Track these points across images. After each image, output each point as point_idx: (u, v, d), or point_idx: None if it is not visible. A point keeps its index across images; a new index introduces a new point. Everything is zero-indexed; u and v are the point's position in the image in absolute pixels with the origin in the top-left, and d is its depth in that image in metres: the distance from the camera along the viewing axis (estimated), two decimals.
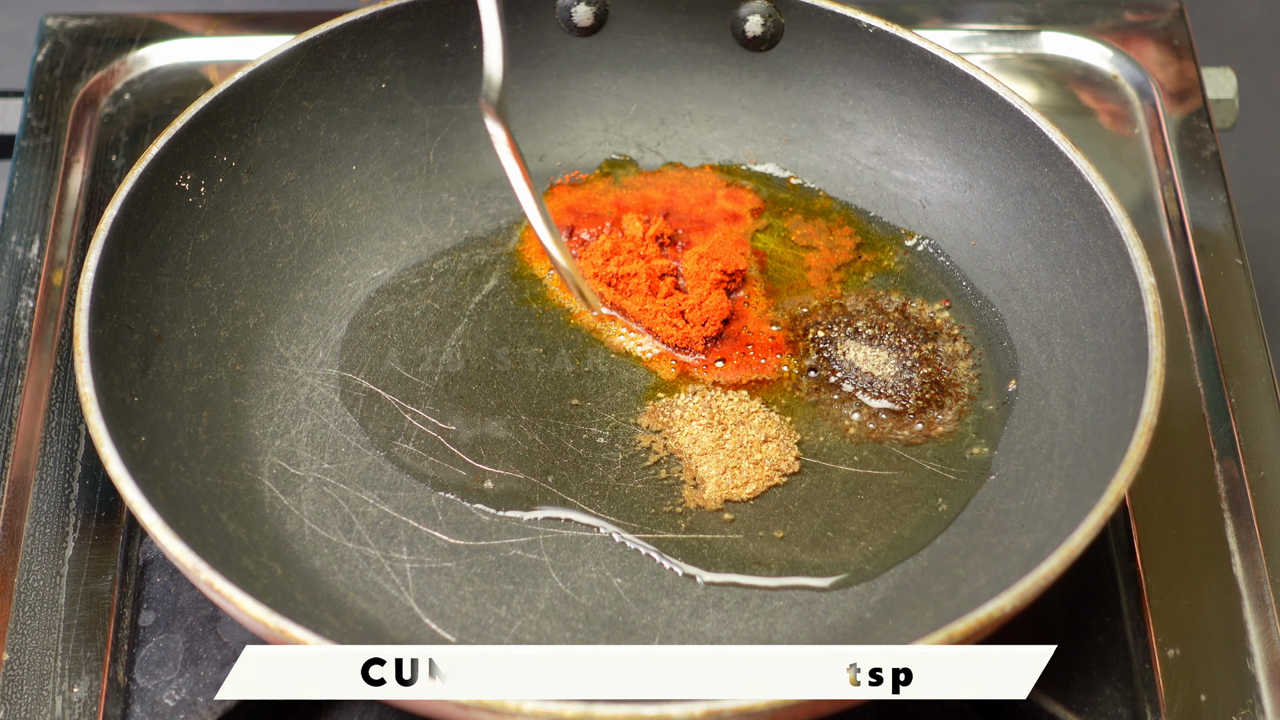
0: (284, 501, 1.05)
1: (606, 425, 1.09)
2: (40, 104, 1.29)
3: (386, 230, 1.18)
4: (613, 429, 1.09)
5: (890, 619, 1.00)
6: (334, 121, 1.18)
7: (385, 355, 1.12)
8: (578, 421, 1.09)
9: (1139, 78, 1.32)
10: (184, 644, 1.01)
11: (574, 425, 1.09)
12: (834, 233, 1.19)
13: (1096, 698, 1.00)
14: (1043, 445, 1.06)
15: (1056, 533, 0.96)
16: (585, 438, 1.08)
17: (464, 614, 1.01)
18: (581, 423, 1.09)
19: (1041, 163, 1.11)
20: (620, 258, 1.14)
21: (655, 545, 1.04)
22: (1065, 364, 1.08)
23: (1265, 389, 1.14)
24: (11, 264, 1.19)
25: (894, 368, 1.11)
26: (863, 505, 1.06)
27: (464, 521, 1.05)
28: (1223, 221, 1.23)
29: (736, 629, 1.00)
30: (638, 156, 1.23)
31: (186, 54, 1.33)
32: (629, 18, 1.22)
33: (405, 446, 1.08)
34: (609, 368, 1.12)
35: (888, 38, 1.17)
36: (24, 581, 1.05)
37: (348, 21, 1.16)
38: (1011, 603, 0.91)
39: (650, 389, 1.11)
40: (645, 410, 1.10)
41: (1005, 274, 1.14)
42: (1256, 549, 1.07)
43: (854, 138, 1.21)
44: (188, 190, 1.11)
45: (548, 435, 1.09)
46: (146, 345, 1.06)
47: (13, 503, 1.08)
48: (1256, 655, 1.04)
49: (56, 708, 1.01)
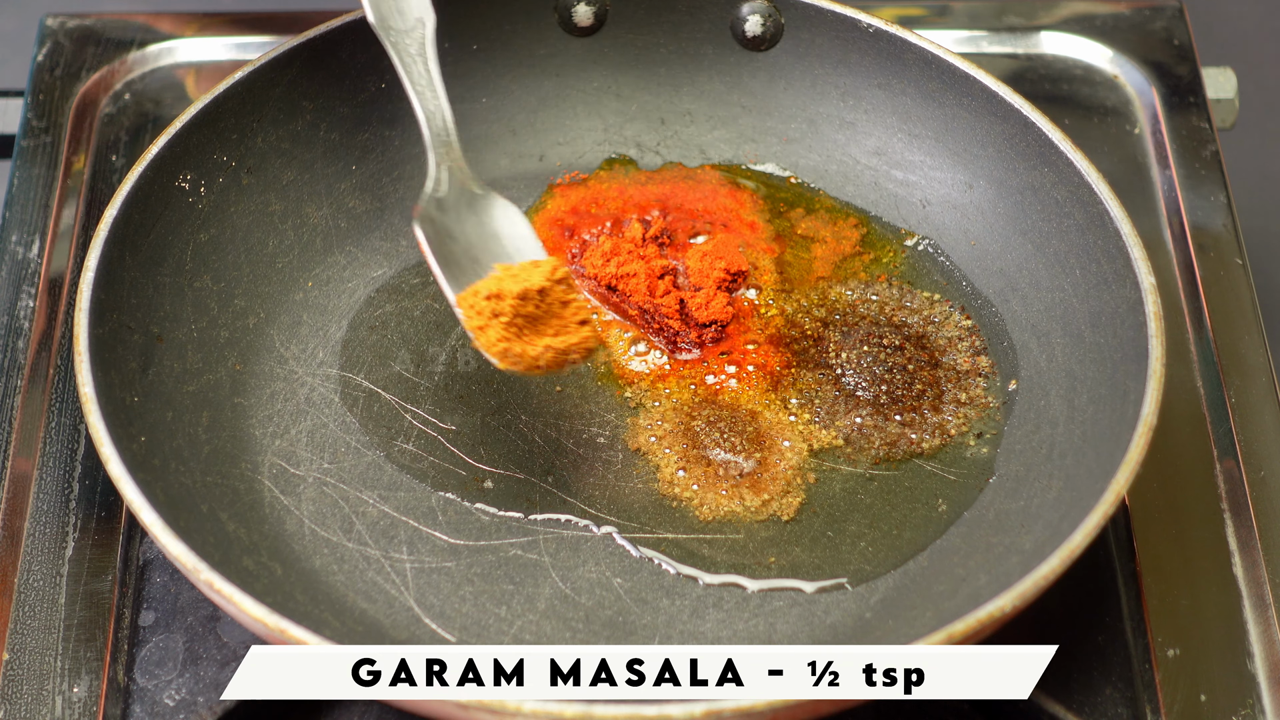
0: (284, 501, 1.05)
1: (606, 425, 1.09)
2: (40, 104, 1.29)
3: (386, 230, 1.18)
4: (613, 429, 1.09)
5: (890, 619, 1.00)
6: (334, 121, 1.18)
7: (385, 355, 1.12)
8: (578, 421, 1.09)
9: (1139, 78, 1.32)
10: (184, 644, 1.01)
11: (574, 425, 1.09)
12: (838, 224, 1.19)
13: (1096, 698, 1.00)
14: (1043, 445, 1.06)
15: (1056, 533, 0.96)
16: (585, 438, 1.08)
17: (464, 614, 1.01)
18: (581, 423, 1.09)
19: (1042, 163, 1.11)
20: (620, 258, 1.14)
21: (655, 546, 1.04)
22: (1065, 364, 1.08)
23: (1265, 389, 1.14)
24: (11, 264, 1.19)
25: (894, 368, 1.11)
26: (862, 505, 1.06)
27: (464, 521, 1.05)
28: (1223, 221, 1.23)
29: (736, 629, 1.00)
30: (638, 156, 1.23)
31: (186, 54, 1.33)
32: (629, 18, 1.22)
33: (405, 446, 1.08)
34: (609, 368, 1.12)
35: (888, 38, 1.17)
36: (24, 581, 1.05)
37: (348, 21, 1.16)
38: (1012, 603, 0.91)
39: (651, 389, 1.11)
40: (646, 410, 1.10)
41: (1005, 274, 1.14)
42: (1256, 549, 1.07)
43: (854, 138, 1.21)
44: (188, 190, 1.11)
45: (547, 435, 1.09)
46: (146, 345, 1.06)
47: (13, 502, 1.08)
48: (1256, 655, 1.04)
49: (56, 708, 1.01)
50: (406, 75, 1.09)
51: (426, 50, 1.09)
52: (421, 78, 1.09)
